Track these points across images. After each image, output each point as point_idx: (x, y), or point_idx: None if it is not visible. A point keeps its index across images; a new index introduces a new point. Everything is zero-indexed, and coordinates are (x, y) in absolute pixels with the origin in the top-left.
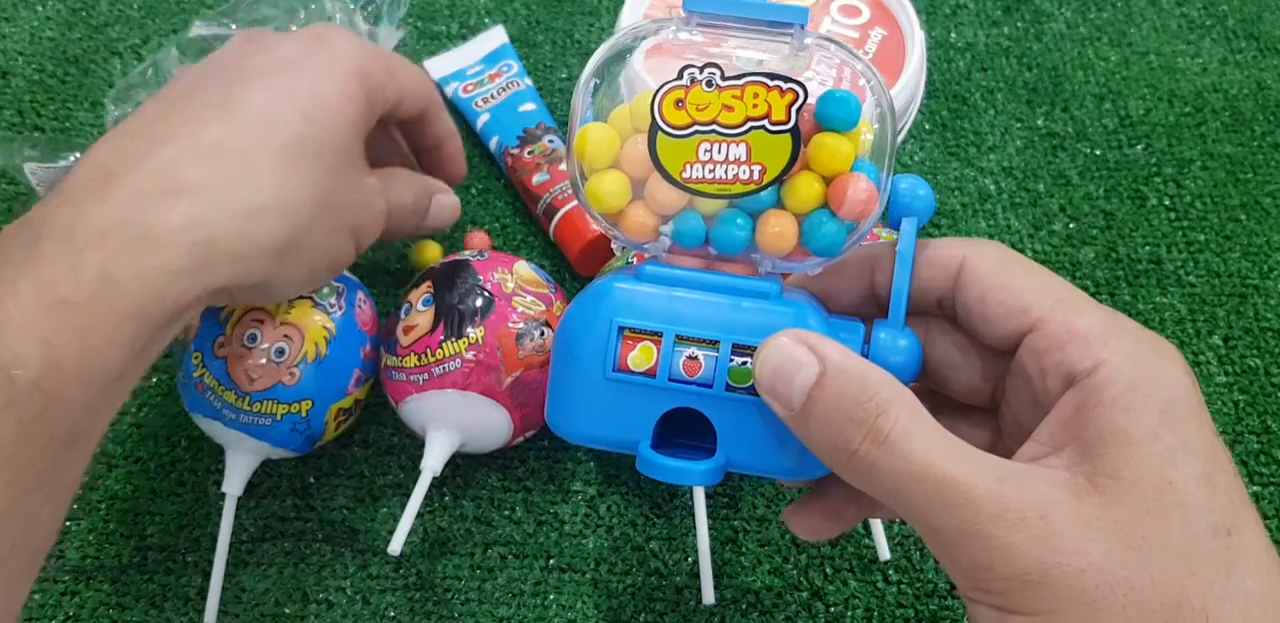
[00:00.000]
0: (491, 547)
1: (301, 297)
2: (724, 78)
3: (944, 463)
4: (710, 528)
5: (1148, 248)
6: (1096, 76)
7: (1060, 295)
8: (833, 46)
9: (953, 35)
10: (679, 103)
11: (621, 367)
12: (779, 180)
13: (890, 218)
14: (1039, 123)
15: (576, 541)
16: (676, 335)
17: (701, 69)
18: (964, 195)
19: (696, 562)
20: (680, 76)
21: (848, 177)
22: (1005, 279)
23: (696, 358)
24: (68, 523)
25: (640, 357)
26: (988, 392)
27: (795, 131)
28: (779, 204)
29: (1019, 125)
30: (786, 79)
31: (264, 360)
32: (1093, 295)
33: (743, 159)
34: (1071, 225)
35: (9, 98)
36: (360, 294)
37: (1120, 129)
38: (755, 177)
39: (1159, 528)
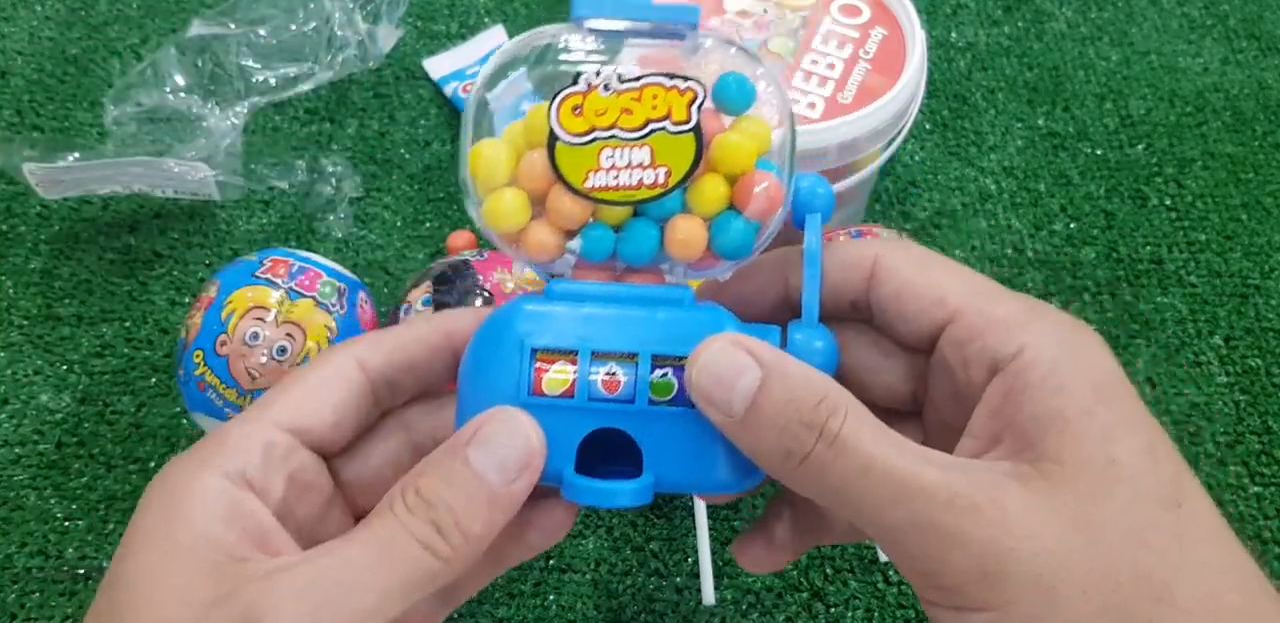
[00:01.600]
0: None
1: (304, 295)
2: (621, 80)
3: (892, 458)
4: (710, 528)
5: (1149, 248)
6: (1097, 76)
7: (976, 286)
8: (732, 49)
9: (953, 35)
10: (576, 109)
11: (536, 390)
12: (685, 182)
13: (794, 217)
14: (1040, 122)
15: (576, 541)
16: (592, 352)
17: (597, 72)
18: (964, 195)
19: (696, 562)
20: (576, 82)
21: (752, 175)
22: (919, 274)
23: (615, 374)
24: (66, 523)
25: (556, 378)
26: (908, 394)
27: (698, 130)
28: (685, 208)
29: (1020, 125)
30: (685, 77)
31: (266, 359)
32: (1093, 296)
33: (646, 163)
34: (1072, 225)
35: (8, 97)
36: (361, 294)
37: (1121, 129)
38: (661, 180)
39: (1108, 506)
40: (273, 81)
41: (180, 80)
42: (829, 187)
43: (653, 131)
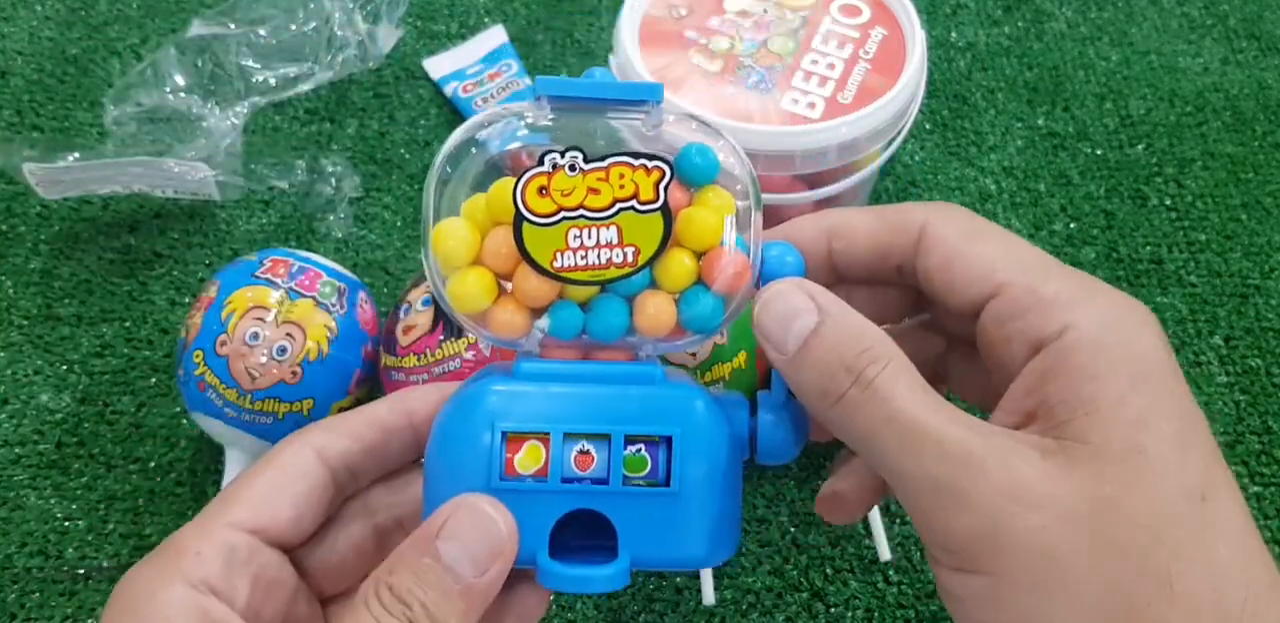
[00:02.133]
0: None
1: (304, 295)
2: (587, 160)
3: (919, 411)
4: None
5: (1149, 248)
6: (1097, 76)
7: (1027, 261)
8: (694, 123)
9: (953, 35)
10: (542, 190)
11: (508, 474)
12: (654, 260)
13: (762, 286)
14: (1040, 122)
15: None
16: (565, 433)
17: (563, 153)
18: (964, 195)
19: None
20: (541, 162)
21: (719, 250)
22: (969, 245)
23: (588, 451)
24: (66, 523)
25: (527, 459)
26: (932, 370)
27: (665, 209)
28: (652, 284)
29: (1020, 125)
30: (651, 156)
31: (266, 359)
32: None
33: (614, 242)
34: (1072, 225)
35: (8, 97)
36: (361, 294)
37: (1121, 129)
38: (629, 259)
39: (1128, 492)
40: (273, 81)
41: (180, 80)
42: (798, 255)
43: (620, 211)
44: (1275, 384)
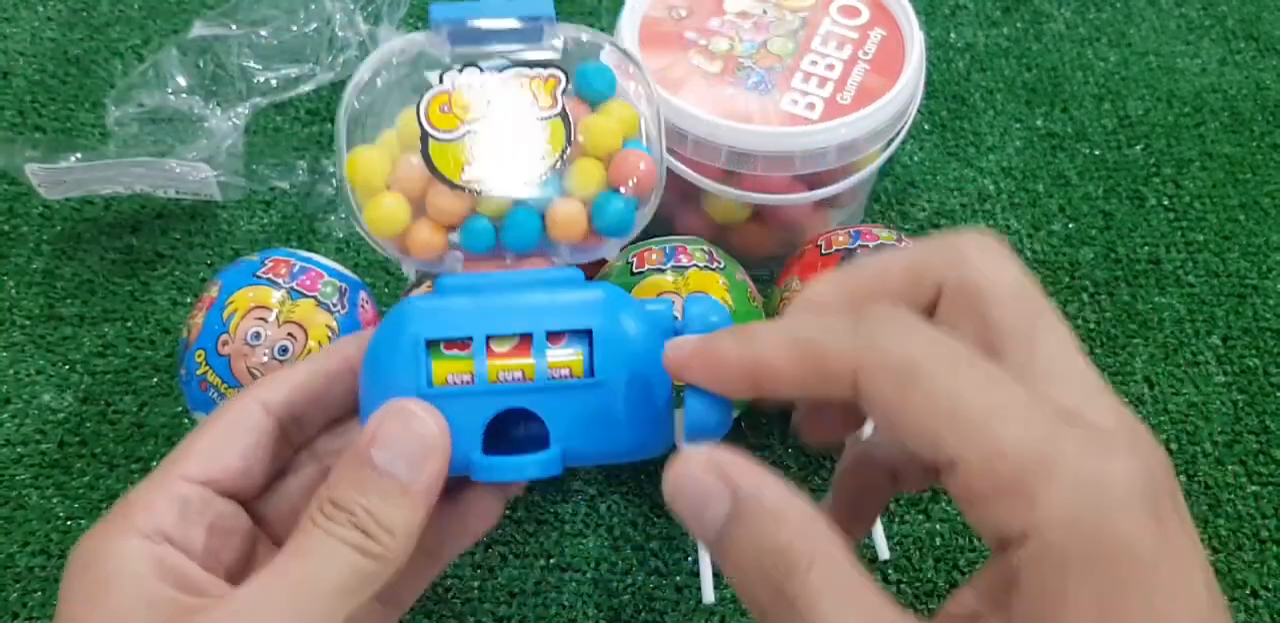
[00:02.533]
0: (492, 546)
1: (305, 295)
2: (483, 73)
3: None
4: None
5: (1147, 248)
6: (1096, 77)
7: (978, 415)
8: (584, 35)
9: (952, 35)
10: (444, 107)
11: (435, 381)
12: (558, 164)
13: (684, 332)
14: (1038, 123)
15: (577, 540)
16: (487, 336)
17: (461, 69)
18: (963, 196)
19: (696, 561)
20: (440, 81)
21: (624, 153)
22: (902, 399)
23: (513, 349)
24: (68, 522)
25: (453, 366)
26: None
27: (564, 114)
28: (564, 193)
29: (1018, 125)
30: (546, 64)
31: (267, 359)
32: (1091, 296)
33: None
34: (1071, 226)
35: (10, 98)
36: (363, 294)
37: (1119, 129)
38: None
39: None
40: (274, 82)
41: (182, 81)
42: (724, 312)
43: None
44: (1273, 384)
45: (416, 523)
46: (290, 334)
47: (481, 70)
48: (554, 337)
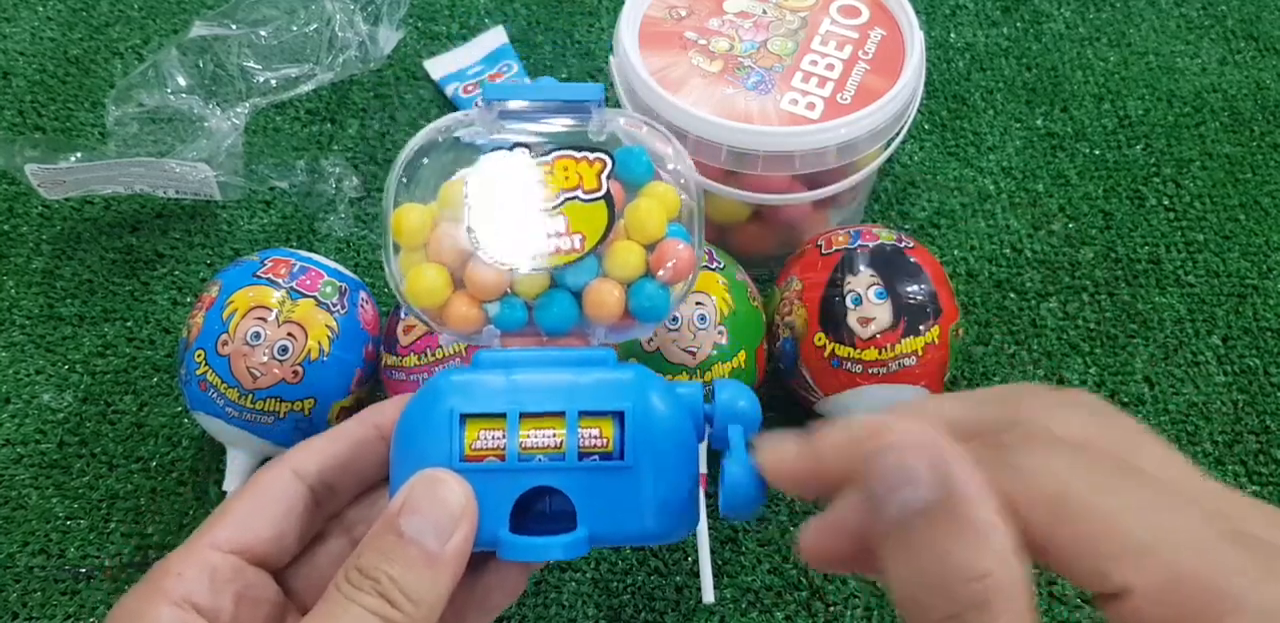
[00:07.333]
0: None
1: (305, 295)
2: (533, 155)
3: None
4: (710, 527)
5: (1147, 248)
6: (1095, 77)
7: (1149, 529)
8: (622, 120)
9: (952, 35)
10: (491, 186)
11: (467, 456)
12: (600, 246)
13: (714, 429)
14: (1038, 123)
15: None
16: (520, 413)
17: (511, 149)
18: (963, 195)
19: (696, 561)
20: (490, 159)
21: (666, 242)
22: (1062, 529)
23: (545, 430)
24: (68, 522)
25: (485, 442)
26: None
27: (608, 198)
28: (602, 274)
29: (1018, 125)
30: (593, 148)
31: (267, 358)
32: (1091, 295)
33: (562, 231)
34: (1071, 225)
35: (10, 98)
36: (363, 294)
37: (1119, 129)
38: (577, 245)
39: None
40: (274, 82)
41: (182, 81)
42: (752, 398)
43: (566, 201)
44: (1273, 384)
45: (441, 593)
46: (290, 334)
47: (530, 150)
48: (586, 416)
